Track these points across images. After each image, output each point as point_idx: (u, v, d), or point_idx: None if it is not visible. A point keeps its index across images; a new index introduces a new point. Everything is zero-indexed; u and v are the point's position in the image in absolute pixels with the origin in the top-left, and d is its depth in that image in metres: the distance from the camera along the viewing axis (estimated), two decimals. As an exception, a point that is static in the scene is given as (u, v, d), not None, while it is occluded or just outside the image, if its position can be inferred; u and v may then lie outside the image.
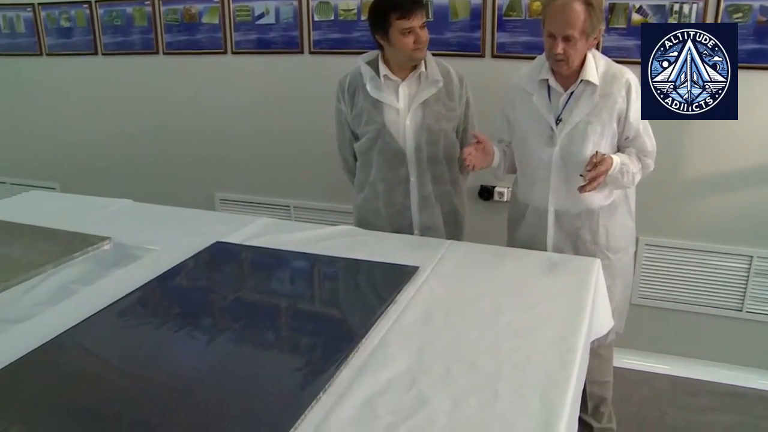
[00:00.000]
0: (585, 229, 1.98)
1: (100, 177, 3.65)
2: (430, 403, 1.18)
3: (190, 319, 1.53)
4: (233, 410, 1.16)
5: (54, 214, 2.30)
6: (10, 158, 4.04)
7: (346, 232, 2.06)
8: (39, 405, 1.23)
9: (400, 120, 2.12)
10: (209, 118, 3.28)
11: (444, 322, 1.47)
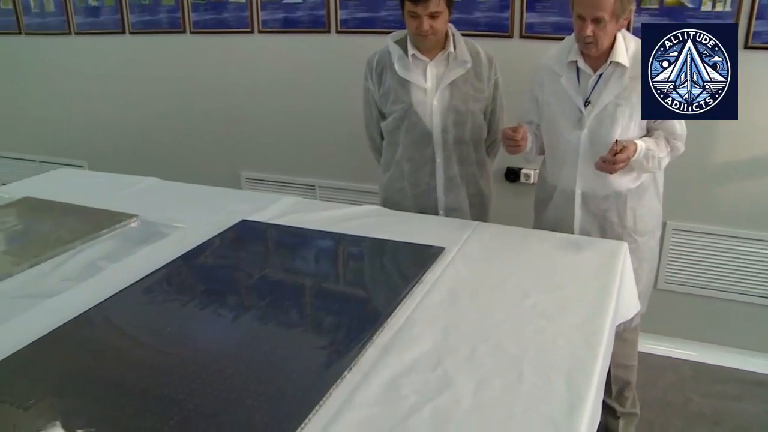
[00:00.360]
0: (612, 212, 1.96)
1: (127, 155, 3.68)
2: (454, 384, 1.18)
3: (215, 296, 1.54)
4: (259, 387, 1.17)
5: (82, 192, 2.32)
6: (40, 136, 4.08)
7: (371, 211, 2.06)
8: (68, 378, 1.24)
9: (427, 100, 2.10)
10: (236, 97, 3.28)
11: (469, 303, 1.47)
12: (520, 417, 1.10)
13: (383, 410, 1.12)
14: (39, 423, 1.10)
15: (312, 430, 1.07)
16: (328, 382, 1.17)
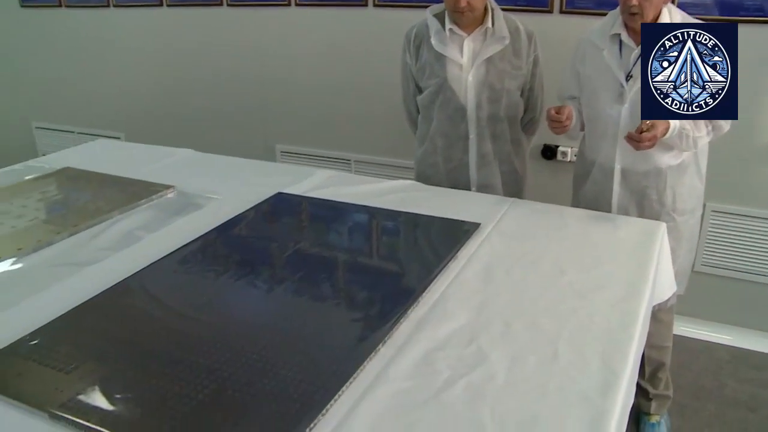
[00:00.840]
0: (651, 189, 1.93)
1: (163, 127, 3.71)
2: (489, 360, 1.18)
3: (250, 268, 1.55)
4: (293, 358, 1.18)
5: (120, 162, 2.35)
6: (78, 108, 4.14)
7: (407, 186, 2.06)
8: (107, 344, 1.27)
9: (462, 75, 2.08)
10: (271, 69, 3.28)
11: (504, 279, 1.46)
12: (554, 394, 1.09)
13: (417, 384, 1.12)
14: (79, 386, 1.13)
15: (345, 401, 1.08)
16: (363, 355, 1.18)
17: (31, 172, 2.33)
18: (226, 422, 1.02)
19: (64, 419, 1.05)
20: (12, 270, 1.62)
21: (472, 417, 1.04)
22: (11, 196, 2.08)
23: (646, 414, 2.24)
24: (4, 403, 1.11)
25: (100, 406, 1.08)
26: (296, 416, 1.02)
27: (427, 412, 1.05)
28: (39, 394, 1.12)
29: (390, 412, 1.06)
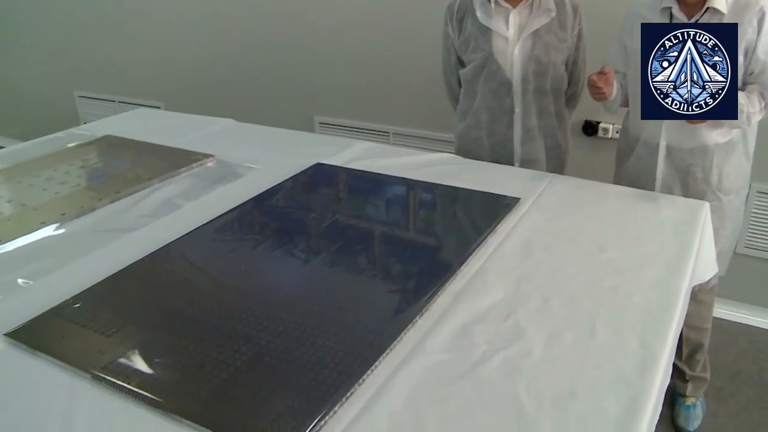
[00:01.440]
0: (697, 167, 1.89)
1: (202, 97, 3.74)
2: (526, 335, 1.18)
3: (287, 239, 1.56)
4: (330, 327, 1.19)
5: (160, 131, 2.38)
6: (119, 77, 4.18)
7: (447, 159, 2.05)
8: (147, 309, 1.29)
9: (508, 49, 2.05)
10: (310, 39, 3.27)
11: (543, 255, 1.45)
12: (591, 372, 1.08)
13: (453, 357, 1.12)
14: (120, 350, 1.15)
15: (382, 372, 1.09)
16: (400, 326, 1.18)
17: (74, 140, 2.37)
18: (263, 389, 1.03)
19: (105, 380, 1.08)
20: (55, 235, 1.66)
21: (508, 391, 1.04)
22: (55, 163, 2.12)
23: (681, 396, 2.23)
24: (49, 362, 1.14)
25: (140, 369, 1.11)
26: (333, 385, 1.03)
27: (463, 385, 1.06)
28: (82, 355, 1.14)
29: (426, 384, 1.06)
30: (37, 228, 1.66)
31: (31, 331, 1.23)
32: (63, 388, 1.08)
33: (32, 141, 2.41)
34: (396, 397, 1.03)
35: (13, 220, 1.72)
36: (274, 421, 0.96)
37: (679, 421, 2.20)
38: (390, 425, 0.98)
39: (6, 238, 1.60)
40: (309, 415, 0.97)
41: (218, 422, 0.97)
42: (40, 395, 1.07)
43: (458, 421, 0.98)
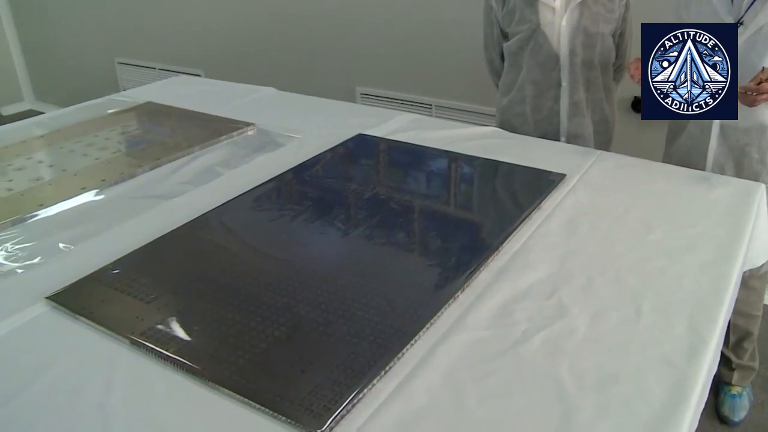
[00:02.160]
0: (753, 147, 1.84)
1: (243, 65, 3.75)
2: (569, 314, 1.16)
3: (326, 210, 1.57)
4: (370, 300, 1.19)
5: (200, 99, 2.39)
6: (159, 44, 4.22)
7: (491, 133, 2.03)
8: (186, 277, 1.31)
9: (555, 20, 2.01)
10: (353, 8, 3.26)
11: (589, 233, 1.43)
12: (635, 354, 1.07)
13: (494, 334, 1.12)
14: (158, 316, 1.17)
15: (422, 347, 1.09)
16: (441, 301, 1.18)
17: (114, 106, 2.40)
18: (301, 360, 1.04)
19: (144, 346, 1.10)
20: (96, 201, 1.68)
21: (549, 371, 1.03)
22: (95, 129, 2.15)
23: (727, 384, 2.19)
24: (89, 327, 1.17)
25: (178, 336, 1.13)
26: (371, 358, 1.04)
27: (503, 362, 1.05)
28: (121, 321, 1.16)
29: (466, 360, 1.06)
30: (77, 193, 1.69)
31: (72, 295, 1.25)
32: (102, 352, 1.11)
33: (73, 107, 2.44)
34: (435, 372, 1.03)
35: (54, 184, 1.76)
36: (311, 393, 0.97)
37: (723, 410, 2.17)
38: (428, 400, 0.98)
39: (48, 203, 1.63)
40: (347, 388, 0.98)
41: (255, 392, 0.98)
42: (79, 359, 1.10)
43: (498, 399, 0.98)
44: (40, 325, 1.19)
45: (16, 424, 0.96)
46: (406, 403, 0.98)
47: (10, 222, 1.56)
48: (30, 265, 1.38)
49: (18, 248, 1.45)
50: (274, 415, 0.94)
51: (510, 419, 0.95)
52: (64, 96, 5.11)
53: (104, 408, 0.98)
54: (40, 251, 1.44)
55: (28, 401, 1.01)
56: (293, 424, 0.93)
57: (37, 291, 1.27)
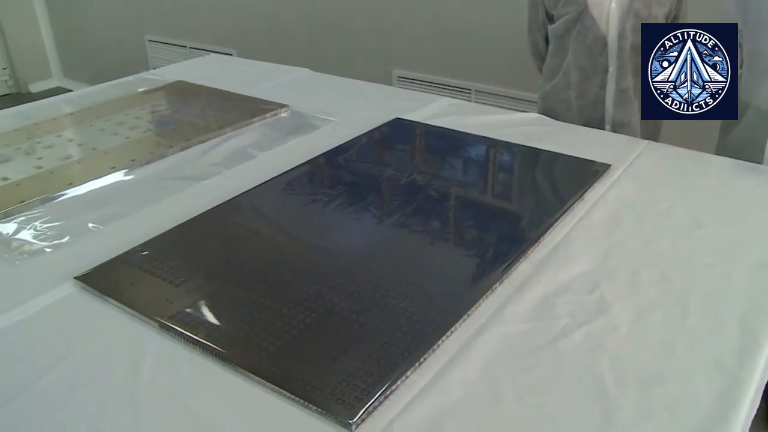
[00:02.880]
0: (813, 140, 1.81)
1: (276, 45, 3.76)
2: (612, 310, 1.15)
3: (360, 197, 1.57)
4: (405, 289, 1.19)
5: (233, 79, 2.41)
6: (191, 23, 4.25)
7: (533, 120, 2.01)
8: (216, 260, 1.32)
9: (604, 2, 1.99)
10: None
11: (634, 227, 1.42)
12: (682, 354, 1.06)
13: (533, 328, 1.11)
14: (188, 300, 1.18)
15: (458, 339, 1.09)
16: (478, 293, 1.18)
17: (144, 85, 2.42)
18: (333, 349, 1.05)
19: (173, 330, 1.11)
20: (125, 181, 1.70)
21: (590, 368, 1.02)
22: (126, 108, 2.17)
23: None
24: (117, 309, 1.19)
25: (208, 320, 1.14)
26: (406, 349, 1.04)
27: (542, 357, 1.05)
28: (150, 303, 1.18)
29: (504, 353, 1.06)
30: (107, 173, 1.71)
31: (101, 276, 1.27)
32: (130, 335, 1.12)
33: (103, 84, 2.47)
34: (471, 365, 1.03)
35: (84, 163, 1.78)
36: (343, 382, 0.98)
37: (775, 418, 2.14)
38: (464, 394, 0.98)
39: (77, 181, 1.66)
40: (379, 379, 0.98)
41: (286, 379, 0.99)
42: (107, 341, 1.12)
43: (536, 395, 0.98)
44: (68, 305, 1.21)
45: (43, 406, 0.98)
46: (441, 397, 0.98)
47: (39, 200, 1.58)
48: (58, 245, 1.41)
49: (47, 227, 1.48)
50: (304, 404, 0.95)
51: (548, 416, 0.94)
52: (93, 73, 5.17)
53: (132, 392, 1.00)
54: (69, 231, 1.46)
55: (54, 383, 1.02)
56: (324, 413, 0.93)
57: (66, 271, 1.29)
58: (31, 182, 1.67)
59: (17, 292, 1.24)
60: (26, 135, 1.98)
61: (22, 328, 1.16)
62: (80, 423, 0.94)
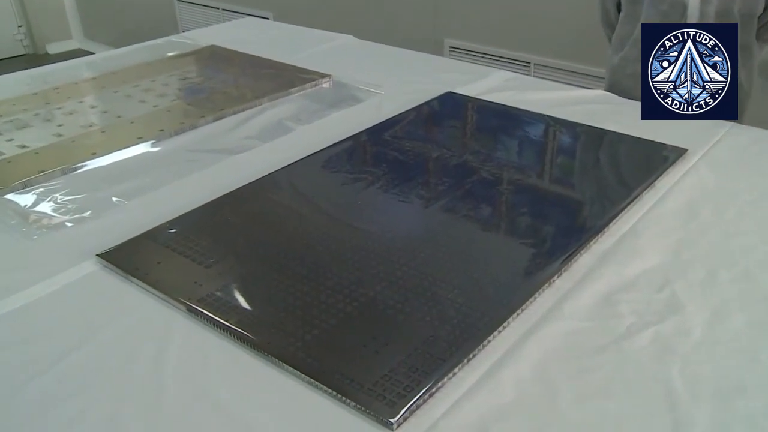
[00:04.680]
0: None
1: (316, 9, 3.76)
2: (684, 311, 1.14)
3: (406, 177, 1.58)
4: (454, 279, 1.19)
5: (270, 45, 2.43)
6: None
7: (600, 97, 1.99)
8: (250, 240, 1.34)
9: (685, -39, 1.96)
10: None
11: (711, 218, 1.40)
12: (766, 363, 1.04)
13: (595, 326, 1.11)
14: (219, 283, 1.20)
15: (511, 335, 1.09)
16: (534, 285, 1.18)
17: (174, 49, 2.45)
18: (375, 340, 1.06)
19: (202, 314, 1.13)
20: (152, 152, 1.73)
21: (658, 374, 1.02)
22: (154, 73, 2.20)
23: None
24: (142, 290, 1.21)
25: (240, 305, 1.15)
26: (454, 344, 1.04)
27: (604, 359, 1.04)
28: (177, 285, 1.20)
29: (561, 353, 1.05)
30: (133, 143, 1.74)
31: (125, 253, 1.30)
32: (156, 318, 1.14)
33: (128, 47, 2.51)
34: (525, 364, 1.03)
35: (109, 132, 1.81)
36: (385, 377, 0.98)
37: None
38: (517, 395, 0.98)
39: (101, 152, 1.68)
40: (425, 374, 0.99)
41: (322, 372, 1.00)
42: (131, 324, 1.14)
43: (596, 400, 0.97)
44: (90, 284, 1.24)
45: (61, 391, 1.00)
46: (491, 397, 0.98)
47: (59, 171, 1.61)
48: (80, 219, 1.43)
49: (67, 200, 1.51)
50: (342, 399, 0.96)
51: (609, 424, 0.94)
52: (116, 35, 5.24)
53: (156, 380, 1.01)
54: (91, 204, 1.49)
55: (73, 367, 1.04)
56: (362, 410, 0.94)
57: (88, 247, 1.32)
58: (51, 151, 1.70)
59: (35, 269, 1.27)
60: (44, 100, 2.01)
61: (40, 308, 1.18)
62: (100, 410, 0.96)
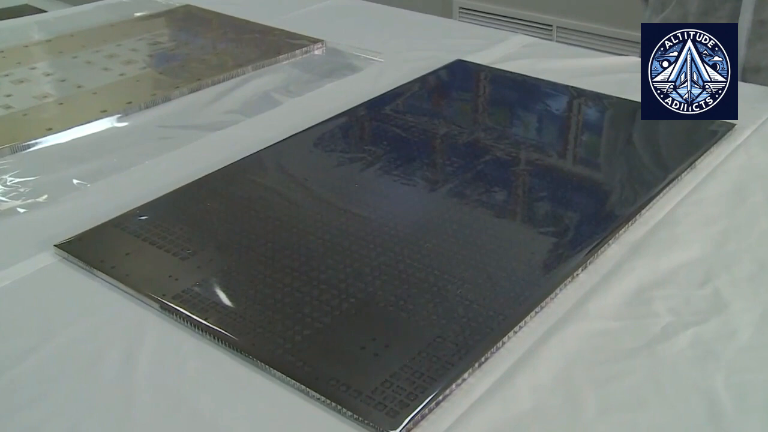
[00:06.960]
0: None
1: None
2: (729, 310, 1.15)
3: (409, 157, 1.58)
4: (464, 273, 1.20)
5: (254, 5, 2.43)
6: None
7: (633, 65, 1.99)
8: (233, 229, 1.34)
9: None
10: None
11: (763, 204, 1.40)
12: (822, 371, 1.05)
13: (625, 326, 1.12)
14: (197, 277, 1.21)
15: (529, 335, 1.09)
16: (555, 280, 1.19)
17: (143, 8, 2.45)
18: (374, 342, 1.06)
19: (177, 312, 1.13)
20: (119, 128, 1.74)
21: (698, 381, 1.02)
22: (119, 37, 2.20)
23: None
24: (108, 285, 1.21)
25: (221, 302, 1.16)
26: (464, 346, 1.05)
27: (636, 364, 1.05)
28: (149, 279, 1.21)
29: (585, 356, 1.06)
30: (96, 117, 1.74)
31: (88, 244, 1.30)
32: (124, 317, 1.15)
33: (87, 5, 2.49)
34: (545, 369, 1.04)
35: (68, 104, 1.81)
36: (385, 383, 0.99)
37: None
38: (534, 405, 0.98)
39: (58, 127, 1.68)
40: (430, 381, 0.99)
41: (314, 377, 1.01)
42: (96, 324, 1.14)
43: (625, 412, 0.98)
44: (46, 278, 1.24)
45: (14, 400, 0.99)
46: (505, 407, 0.98)
47: (8, 148, 1.61)
48: (35, 204, 1.44)
49: (19, 182, 1.51)
50: (337, 408, 0.97)
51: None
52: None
53: (125, 386, 1.01)
54: (48, 187, 1.49)
55: (28, 374, 1.04)
56: (360, 421, 0.95)
57: (44, 237, 1.32)
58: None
59: (-19, 262, 1.27)
60: (-13, 65, 2.01)
61: (-11, 307, 1.19)
62: (60, 422, 0.96)
